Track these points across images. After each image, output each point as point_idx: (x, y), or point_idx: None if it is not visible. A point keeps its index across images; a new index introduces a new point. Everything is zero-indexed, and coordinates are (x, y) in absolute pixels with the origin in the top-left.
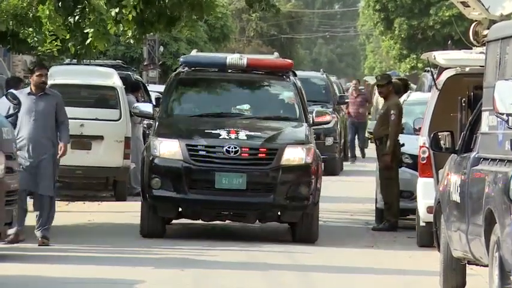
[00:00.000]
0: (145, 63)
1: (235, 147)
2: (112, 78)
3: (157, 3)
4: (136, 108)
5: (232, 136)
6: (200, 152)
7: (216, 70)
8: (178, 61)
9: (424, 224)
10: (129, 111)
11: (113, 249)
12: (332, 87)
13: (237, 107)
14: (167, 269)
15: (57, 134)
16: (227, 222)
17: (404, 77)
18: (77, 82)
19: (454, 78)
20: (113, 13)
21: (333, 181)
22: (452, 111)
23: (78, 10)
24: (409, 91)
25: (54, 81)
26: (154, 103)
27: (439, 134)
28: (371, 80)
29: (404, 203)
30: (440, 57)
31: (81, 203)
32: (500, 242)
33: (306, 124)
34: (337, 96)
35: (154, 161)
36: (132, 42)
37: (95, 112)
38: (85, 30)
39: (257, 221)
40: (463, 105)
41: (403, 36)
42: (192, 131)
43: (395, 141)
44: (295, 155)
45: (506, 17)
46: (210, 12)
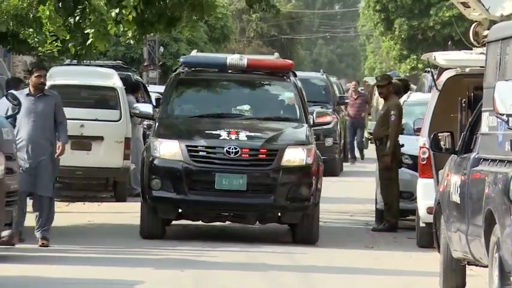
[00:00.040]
0: (145, 64)
1: (236, 148)
2: (112, 79)
3: (157, 4)
4: (136, 108)
5: (233, 137)
6: (200, 152)
7: (216, 70)
8: (178, 62)
9: (424, 224)
10: (129, 112)
11: (112, 250)
12: (332, 87)
13: (237, 107)
14: (167, 269)
15: (56, 134)
16: (227, 223)
17: (405, 77)
18: (77, 83)
19: (454, 79)
20: (113, 14)
21: (333, 182)
22: (453, 111)
23: (79, 11)
24: (409, 92)
25: (55, 82)
26: (154, 104)
27: (439, 134)
28: (371, 80)
29: (403, 204)
30: (441, 57)
31: (81, 204)
32: (500, 242)
33: (306, 125)
34: (337, 97)
35: (154, 162)
36: (132, 42)
37: (95, 113)
38: (86, 31)
39: (257, 222)
40: (463, 105)
41: (403, 36)
42: (192, 132)
43: (395, 141)
44: (295, 156)
45: (507, 17)
46: (210, 12)
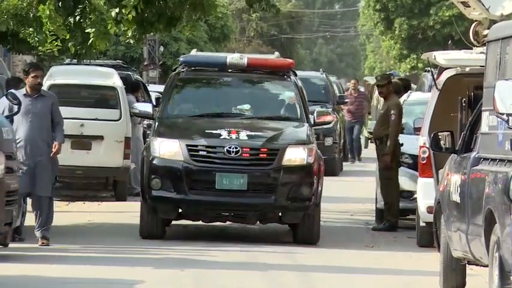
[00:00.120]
0: (145, 63)
1: (236, 148)
2: (112, 78)
3: (157, 3)
4: (135, 108)
5: (233, 136)
6: (200, 152)
7: (216, 70)
8: (178, 61)
9: (424, 224)
10: (129, 112)
11: (112, 249)
12: (331, 87)
13: (238, 107)
14: (167, 269)
15: (53, 134)
16: (227, 223)
17: (405, 77)
18: (77, 82)
19: (454, 78)
20: (113, 13)
21: (333, 181)
22: (453, 111)
23: (79, 10)
24: (409, 91)
25: (55, 81)
26: (154, 103)
27: (439, 134)
28: (371, 80)
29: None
30: (441, 57)
31: (81, 203)
32: (500, 242)
33: (307, 124)
34: (336, 96)
35: (154, 162)
36: (132, 42)
37: (95, 112)
38: (86, 30)
39: (258, 222)
40: (463, 105)
41: (403, 36)
42: (192, 131)
43: (395, 141)
44: (296, 155)
45: (507, 17)
46: (211, 11)
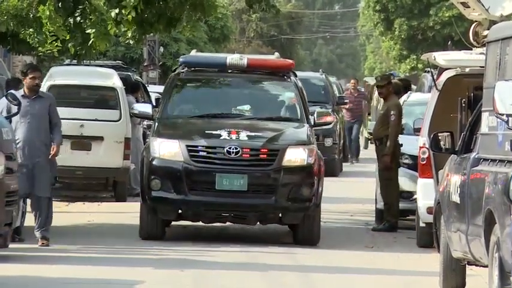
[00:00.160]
0: (145, 64)
1: (236, 148)
2: (112, 79)
3: (157, 4)
4: (135, 109)
5: (233, 137)
6: (200, 152)
7: (216, 70)
8: (178, 62)
9: (424, 224)
10: (129, 112)
11: (112, 249)
12: (331, 87)
13: (238, 107)
14: (167, 269)
15: (51, 136)
16: (227, 223)
17: (405, 77)
18: (77, 83)
19: (454, 79)
20: (113, 14)
21: (333, 182)
22: (452, 111)
23: (79, 11)
24: (409, 92)
25: (55, 82)
26: (154, 104)
27: (439, 134)
28: (371, 80)
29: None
30: (440, 57)
31: (81, 204)
32: (500, 242)
33: (307, 125)
34: (336, 97)
35: (154, 162)
36: (132, 42)
37: (94, 113)
38: (87, 31)
39: (258, 223)
40: (463, 105)
41: (403, 36)
42: (192, 132)
43: (395, 141)
44: (296, 156)
45: (506, 17)
46: (212, 12)
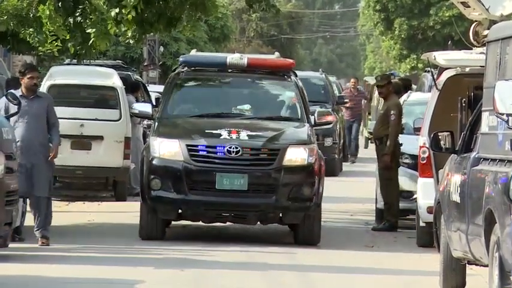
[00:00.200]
0: (145, 64)
1: (237, 148)
2: (112, 79)
3: (157, 4)
4: (134, 108)
5: (234, 136)
6: (201, 152)
7: (216, 70)
8: (178, 61)
9: (424, 224)
10: (129, 112)
11: (113, 249)
12: (331, 87)
13: (238, 107)
14: (167, 269)
15: (48, 136)
16: (227, 223)
17: (405, 77)
18: (77, 82)
19: (454, 79)
20: (113, 13)
21: (332, 182)
22: (453, 111)
23: (80, 10)
24: (409, 91)
25: (55, 82)
26: (154, 103)
27: (439, 134)
28: (371, 80)
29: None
30: (441, 57)
31: (81, 203)
32: (500, 242)
33: (308, 124)
34: (336, 97)
35: (154, 162)
36: (132, 42)
37: (94, 112)
38: (87, 31)
39: (258, 223)
40: (463, 105)
41: (403, 36)
42: (192, 131)
43: (395, 141)
44: (297, 156)
45: (507, 17)
46: (213, 11)
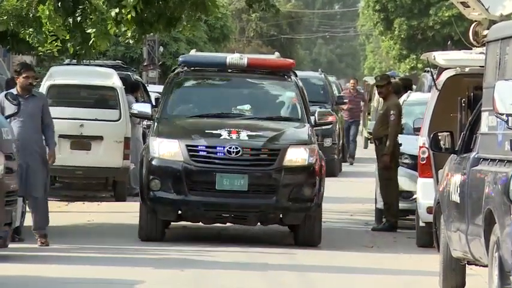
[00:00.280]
0: (145, 64)
1: (237, 148)
2: (112, 79)
3: (156, 4)
4: (134, 109)
5: (234, 136)
6: (200, 152)
7: (215, 70)
8: (177, 61)
9: (423, 224)
10: (128, 112)
11: (112, 249)
12: (330, 87)
13: (238, 107)
14: (167, 269)
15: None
16: (228, 224)
17: (406, 76)
18: (77, 82)
19: (453, 79)
20: (113, 13)
21: (332, 182)
22: (452, 111)
23: (79, 10)
24: (408, 91)
25: (54, 82)
26: (154, 103)
27: (439, 134)
28: (371, 80)
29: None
30: (440, 57)
31: (80, 203)
32: (500, 242)
33: (308, 125)
34: (335, 97)
35: (153, 162)
36: (132, 42)
37: (94, 112)
38: (87, 31)
39: (258, 224)
40: (463, 105)
41: (402, 36)
42: (192, 131)
43: (394, 141)
44: (298, 156)
45: (506, 17)
46: (214, 10)
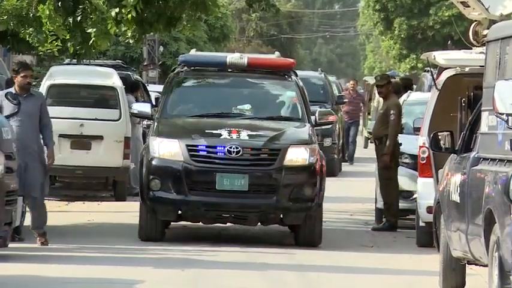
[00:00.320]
0: (145, 63)
1: (237, 148)
2: (112, 78)
3: (156, 3)
4: (133, 108)
5: (234, 136)
6: (201, 152)
7: (216, 70)
8: (177, 61)
9: (423, 224)
10: (128, 111)
11: (112, 249)
12: (330, 87)
13: (238, 107)
14: (167, 269)
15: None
16: (228, 224)
17: (406, 76)
18: (77, 82)
19: (453, 78)
20: (113, 13)
21: (332, 182)
22: (452, 111)
23: (80, 10)
24: (409, 91)
25: (54, 81)
26: (154, 103)
27: (439, 134)
28: (371, 80)
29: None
30: (440, 57)
31: (80, 203)
32: (500, 241)
33: (308, 124)
34: (335, 97)
35: (153, 162)
36: (132, 42)
37: (94, 112)
38: (88, 30)
39: (259, 224)
40: (463, 105)
41: (402, 36)
42: (192, 131)
43: (394, 141)
44: (298, 155)
45: (506, 16)
46: (214, 10)
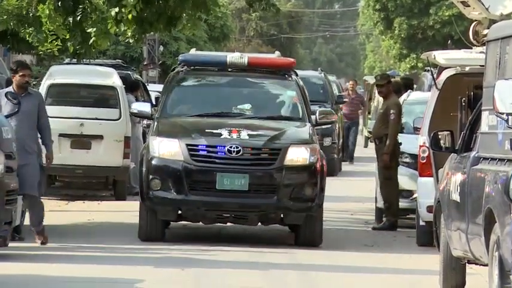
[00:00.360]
0: (145, 63)
1: (237, 147)
2: (112, 78)
3: (156, 3)
4: (133, 108)
5: (234, 136)
6: (201, 151)
7: (216, 69)
8: (177, 60)
9: (423, 223)
10: (128, 111)
11: (112, 248)
12: (330, 86)
13: (238, 106)
14: (168, 268)
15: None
16: (228, 224)
17: (407, 76)
18: (77, 81)
19: (454, 78)
20: (113, 13)
21: (332, 181)
22: (452, 110)
23: (80, 10)
24: (409, 90)
25: (54, 81)
26: (154, 102)
27: (439, 133)
28: (371, 79)
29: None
30: (440, 56)
31: (81, 203)
32: (500, 241)
33: (309, 124)
34: (335, 96)
35: (153, 161)
36: (132, 41)
37: (94, 111)
38: (88, 30)
39: (259, 224)
40: (463, 104)
41: (403, 35)
42: (192, 131)
43: (394, 140)
44: (299, 155)
45: (506, 16)
46: (214, 9)
